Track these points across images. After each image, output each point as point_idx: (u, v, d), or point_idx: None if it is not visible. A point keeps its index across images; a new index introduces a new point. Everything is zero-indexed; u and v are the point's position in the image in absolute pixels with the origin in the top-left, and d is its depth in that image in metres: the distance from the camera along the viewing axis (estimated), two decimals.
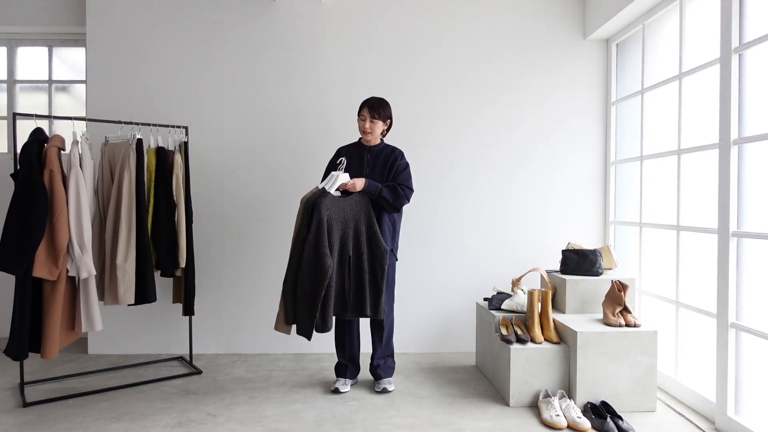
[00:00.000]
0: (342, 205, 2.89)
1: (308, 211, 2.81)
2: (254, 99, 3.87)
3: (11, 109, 4.23)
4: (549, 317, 3.05)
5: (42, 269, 2.77)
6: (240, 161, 3.87)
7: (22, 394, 2.94)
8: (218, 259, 3.87)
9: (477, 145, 3.91)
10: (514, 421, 2.70)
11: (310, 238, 2.76)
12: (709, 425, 2.64)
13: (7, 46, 4.25)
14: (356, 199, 2.95)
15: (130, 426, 2.61)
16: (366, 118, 3.07)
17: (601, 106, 3.95)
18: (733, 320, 2.55)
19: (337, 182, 2.88)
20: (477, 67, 3.91)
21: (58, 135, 2.93)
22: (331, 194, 2.85)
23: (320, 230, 2.77)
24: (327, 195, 2.82)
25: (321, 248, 2.77)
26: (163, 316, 3.84)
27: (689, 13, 3.02)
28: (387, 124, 3.15)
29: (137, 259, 3.08)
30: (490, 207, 3.92)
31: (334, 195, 2.88)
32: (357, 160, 3.09)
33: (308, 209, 2.81)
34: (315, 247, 2.77)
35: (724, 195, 2.59)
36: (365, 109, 3.08)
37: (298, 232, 2.85)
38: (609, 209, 3.90)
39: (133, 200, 3.07)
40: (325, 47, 3.88)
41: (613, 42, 3.84)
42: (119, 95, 3.83)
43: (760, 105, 2.49)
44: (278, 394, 3.05)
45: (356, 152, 3.11)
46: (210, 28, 3.86)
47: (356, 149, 3.13)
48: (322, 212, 2.79)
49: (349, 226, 2.90)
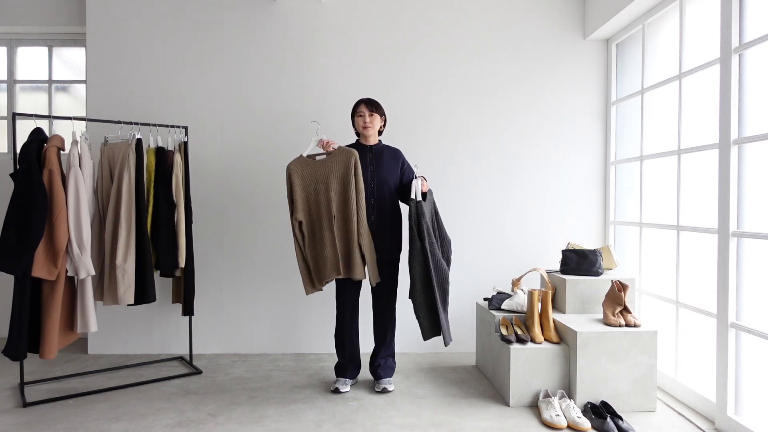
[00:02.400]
0: (427, 208, 3.04)
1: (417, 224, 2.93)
2: (254, 99, 3.87)
3: (11, 109, 4.23)
4: (549, 317, 3.05)
5: (41, 269, 2.77)
6: (240, 161, 3.87)
7: (22, 394, 2.94)
8: (218, 259, 3.87)
9: (477, 144, 3.91)
10: (514, 421, 2.70)
11: (426, 247, 2.90)
12: (709, 425, 2.64)
13: (7, 46, 4.25)
14: (429, 198, 3.11)
15: (130, 426, 2.61)
16: (365, 113, 3.09)
17: (601, 106, 3.95)
18: (733, 320, 2.55)
19: (420, 188, 3.00)
20: (477, 66, 3.91)
21: (58, 135, 2.93)
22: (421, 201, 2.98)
23: (430, 236, 2.95)
24: (421, 203, 2.96)
25: (437, 251, 2.96)
26: (163, 316, 3.84)
27: (689, 13, 3.01)
28: (383, 119, 3.17)
29: (137, 259, 3.08)
30: (490, 207, 3.93)
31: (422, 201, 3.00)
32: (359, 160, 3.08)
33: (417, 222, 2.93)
34: (433, 254, 2.92)
35: (724, 195, 2.59)
36: (362, 106, 3.11)
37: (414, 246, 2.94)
38: (609, 209, 3.90)
39: (133, 200, 3.07)
40: (324, 47, 3.88)
41: (613, 42, 3.84)
42: (119, 95, 3.83)
43: (760, 105, 2.49)
44: (278, 394, 3.05)
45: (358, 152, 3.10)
46: (210, 28, 3.86)
47: (357, 150, 3.12)
48: (427, 219, 2.95)
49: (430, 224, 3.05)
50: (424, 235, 2.89)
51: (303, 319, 3.88)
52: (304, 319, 3.88)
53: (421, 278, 2.91)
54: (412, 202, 2.95)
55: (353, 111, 3.16)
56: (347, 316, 3.15)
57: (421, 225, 2.90)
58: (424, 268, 2.90)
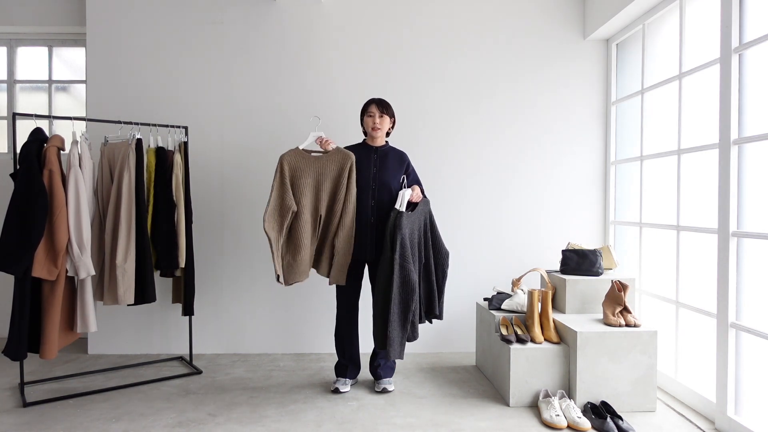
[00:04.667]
0: (412, 219, 2.96)
1: (391, 235, 2.85)
2: (254, 99, 3.87)
3: (11, 109, 4.23)
4: (549, 317, 3.05)
5: (41, 269, 2.77)
6: (240, 161, 3.87)
7: (22, 394, 2.94)
8: (218, 259, 3.87)
9: (477, 144, 3.91)
10: (514, 421, 2.70)
11: (396, 258, 2.81)
12: (709, 425, 2.64)
13: (7, 46, 4.25)
14: (421, 209, 3.03)
15: (130, 426, 2.61)
16: (375, 114, 3.06)
17: (601, 106, 3.95)
18: (733, 320, 2.55)
19: (405, 199, 2.92)
20: (476, 66, 3.91)
21: (58, 135, 2.93)
22: (404, 212, 2.90)
23: (404, 249, 2.84)
24: (402, 214, 2.87)
25: (409, 266, 2.84)
26: (163, 316, 3.84)
27: (689, 13, 3.01)
28: (392, 121, 3.15)
29: (137, 259, 3.08)
30: (490, 207, 3.92)
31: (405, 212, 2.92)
32: (364, 160, 3.06)
33: (392, 233, 2.85)
34: (402, 267, 2.83)
35: (724, 195, 2.59)
36: (373, 106, 3.07)
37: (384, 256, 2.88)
38: (609, 209, 3.90)
39: (133, 200, 3.07)
40: (324, 47, 3.88)
41: (613, 42, 3.84)
42: (119, 95, 3.83)
43: (760, 105, 2.49)
44: (278, 394, 3.05)
45: (363, 153, 3.09)
46: (210, 28, 3.86)
47: (362, 150, 3.11)
48: (404, 231, 2.86)
49: (414, 236, 2.97)
50: (396, 247, 2.80)
51: (303, 319, 3.88)
52: (304, 319, 3.88)
53: (383, 291, 2.83)
54: (394, 212, 2.89)
55: (363, 110, 3.12)
56: (347, 316, 3.15)
57: (395, 236, 2.82)
58: (388, 280, 2.81)
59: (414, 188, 3.00)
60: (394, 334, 2.80)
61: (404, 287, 2.83)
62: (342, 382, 3.11)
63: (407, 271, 2.83)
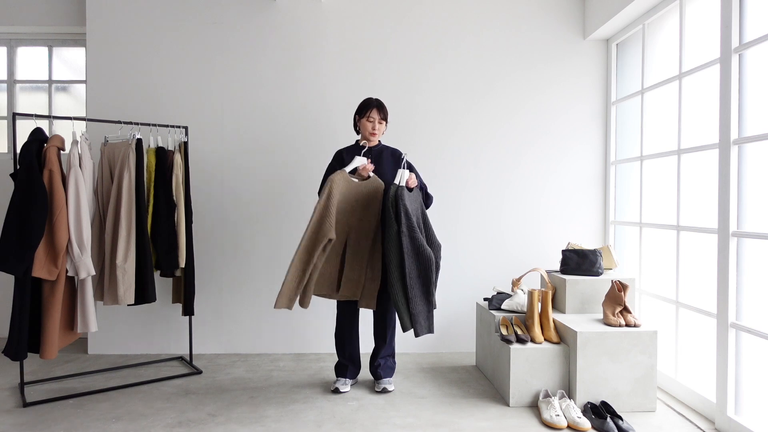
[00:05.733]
0: (411, 199, 2.90)
1: (394, 207, 2.76)
2: (254, 99, 3.87)
3: (11, 109, 4.23)
4: (549, 317, 3.05)
5: (41, 269, 2.77)
6: (240, 161, 3.87)
7: (22, 394, 2.94)
8: (218, 259, 3.87)
9: (476, 144, 3.91)
10: (514, 421, 2.70)
11: (404, 230, 2.71)
12: (709, 425, 2.64)
13: (7, 46, 4.25)
14: (415, 196, 2.99)
15: (130, 426, 2.61)
16: (375, 119, 3.07)
17: (601, 106, 3.95)
18: (733, 320, 2.55)
19: (404, 178, 2.88)
20: (476, 66, 3.91)
21: (58, 135, 2.93)
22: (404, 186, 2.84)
23: (409, 219, 2.74)
24: (403, 188, 2.81)
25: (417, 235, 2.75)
26: (163, 316, 3.84)
27: (689, 13, 3.01)
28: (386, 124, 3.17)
29: (137, 259, 3.08)
30: (489, 207, 3.92)
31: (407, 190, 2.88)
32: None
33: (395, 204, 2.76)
34: (412, 238, 2.73)
35: (724, 195, 2.59)
36: (374, 111, 3.07)
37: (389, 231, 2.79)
38: (609, 209, 3.90)
39: (133, 200, 3.07)
40: (324, 47, 3.88)
41: (613, 42, 3.84)
42: (119, 95, 3.83)
43: (760, 105, 2.49)
44: (278, 394, 3.05)
45: (357, 153, 3.10)
46: (210, 28, 3.86)
47: (356, 151, 3.12)
48: (407, 203, 2.78)
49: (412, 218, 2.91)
50: (402, 218, 2.67)
51: (303, 319, 3.88)
52: (304, 319, 3.88)
53: (398, 267, 2.72)
54: (393, 186, 2.80)
55: (361, 111, 3.11)
56: (347, 316, 3.15)
57: (399, 207, 2.69)
58: (400, 254, 2.71)
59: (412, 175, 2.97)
60: (418, 309, 2.70)
61: (419, 258, 2.74)
62: (342, 382, 3.11)
63: (418, 241, 2.73)
